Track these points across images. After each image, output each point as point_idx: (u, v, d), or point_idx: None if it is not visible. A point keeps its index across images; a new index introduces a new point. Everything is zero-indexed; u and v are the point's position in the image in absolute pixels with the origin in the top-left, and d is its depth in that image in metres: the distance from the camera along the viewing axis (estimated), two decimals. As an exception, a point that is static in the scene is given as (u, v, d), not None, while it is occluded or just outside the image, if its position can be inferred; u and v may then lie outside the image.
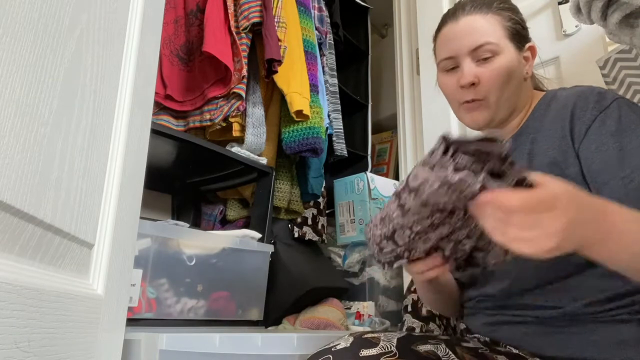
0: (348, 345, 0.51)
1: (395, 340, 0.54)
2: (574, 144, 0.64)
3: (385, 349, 0.50)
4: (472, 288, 0.74)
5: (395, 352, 0.50)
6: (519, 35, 0.74)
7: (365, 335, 0.55)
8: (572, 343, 0.60)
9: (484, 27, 0.72)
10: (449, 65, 0.75)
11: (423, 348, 0.52)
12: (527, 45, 0.75)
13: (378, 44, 2.32)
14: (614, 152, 0.60)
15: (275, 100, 1.40)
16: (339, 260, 1.58)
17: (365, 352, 0.50)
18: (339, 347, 0.52)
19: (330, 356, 0.52)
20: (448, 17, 0.77)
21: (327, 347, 0.53)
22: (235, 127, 1.25)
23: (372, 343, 0.51)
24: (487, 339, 0.69)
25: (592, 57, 1.03)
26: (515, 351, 0.64)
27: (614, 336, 0.58)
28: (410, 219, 0.47)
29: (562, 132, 0.65)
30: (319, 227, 1.50)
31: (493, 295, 0.69)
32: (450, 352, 0.53)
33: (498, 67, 0.70)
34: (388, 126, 2.10)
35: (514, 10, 0.76)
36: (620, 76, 0.91)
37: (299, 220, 1.46)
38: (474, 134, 0.60)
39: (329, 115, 1.52)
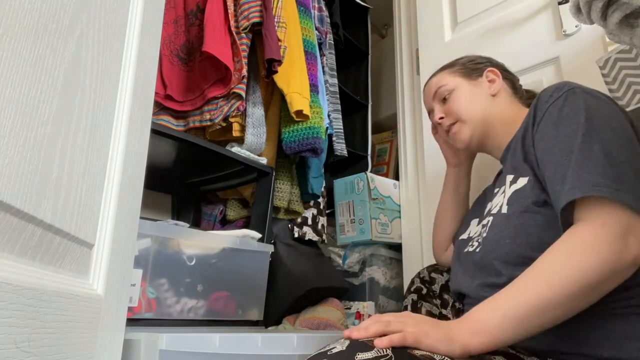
0: (344, 348, 0.51)
1: None
2: (533, 134, 0.72)
3: (380, 352, 0.50)
4: (470, 282, 0.75)
5: (391, 356, 0.50)
6: (470, 70, 0.92)
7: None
8: (569, 338, 0.60)
9: (436, 82, 0.95)
10: (431, 118, 0.99)
11: (419, 351, 0.52)
12: (485, 71, 0.91)
13: (378, 44, 2.32)
14: (551, 141, 0.67)
15: (275, 100, 1.40)
16: (339, 260, 1.58)
17: (360, 356, 0.49)
18: (334, 350, 0.51)
19: None
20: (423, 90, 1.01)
21: (322, 350, 0.53)
22: (235, 127, 1.25)
23: (368, 346, 0.51)
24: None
25: (592, 57, 1.04)
26: (512, 351, 0.64)
27: (610, 331, 0.59)
28: None
29: (527, 125, 0.74)
30: (319, 227, 1.50)
31: (492, 283, 0.70)
32: (445, 355, 0.53)
33: (455, 99, 0.90)
34: (388, 126, 2.10)
35: (459, 60, 0.96)
36: (620, 76, 0.91)
37: (299, 220, 1.46)
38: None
39: (329, 115, 1.52)
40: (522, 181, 0.71)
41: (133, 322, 0.88)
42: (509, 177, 0.75)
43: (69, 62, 0.40)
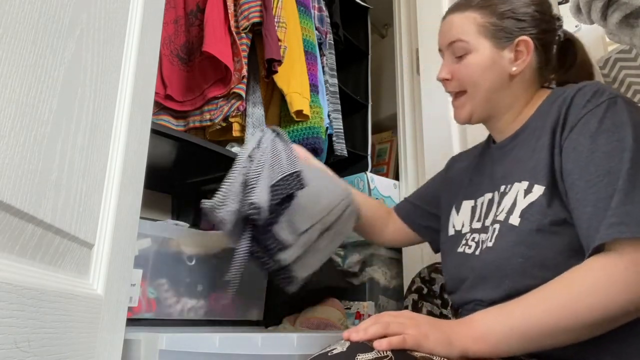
0: (344, 349, 0.51)
1: None
2: (561, 139, 0.65)
3: (381, 354, 0.50)
4: (466, 291, 0.74)
5: (391, 357, 0.50)
6: (503, 30, 0.74)
7: None
8: (572, 344, 0.60)
9: (458, 25, 0.77)
10: (441, 58, 0.82)
11: (419, 353, 0.52)
12: (517, 40, 0.74)
13: (378, 44, 2.32)
14: (586, 154, 0.61)
15: (275, 100, 1.40)
16: (339, 260, 1.58)
17: (361, 357, 0.50)
18: (335, 351, 0.52)
19: None
20: (444, 15, 0.84)
21: (323, 351, 0.53)
22: (235, 127, 1.25)
23: (368, 347, 0.51)
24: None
25: (592, 57, 1.04)
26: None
27: (612, 336, 0.58)
28: None
29: (555, 125, 0.66)
30: (319, 227, 1.50)
31: (491, 300, 0.68)
32: (445, 357, 0.53)
33: (468, 65, 0.76)
34: (388, 126, 2.10)
35: (498, 7, 0.75)
36: (620, 76, 0.91)
37: (299, 220, 1.46)
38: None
39: (329, 115, 1.52)
40: (538, 190, 0.65)
41: (133, 322, 0.88)
42: (523, 184, 0.68)
43: (69, 62, 0.40)
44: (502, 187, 0.74)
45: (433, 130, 1.50)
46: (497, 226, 0.70)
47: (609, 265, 0.54)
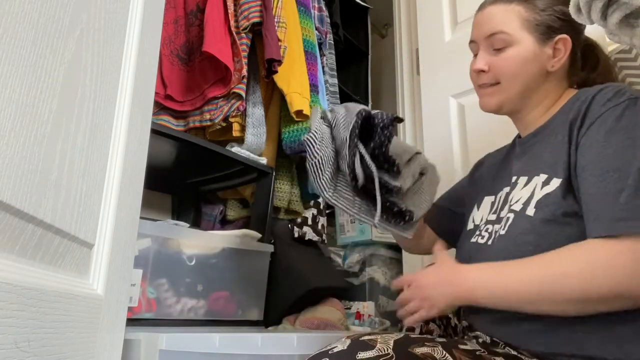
0: (345, 347, 0.52)
1: (392, 343, 0.54)
2: (578, 135, 0.66)
3: (382, 352, 0.50)
4: None
5: (392, 355, 0.50)
6: (545, 27, 0.75)
7: (362, 338, 0.55)
8: (573, 341, 0.60)
9: (501, 17, 0.76)
10: (473, 50, 0.82)
11: (420, 350, 0.52)
12: (557, 37, 0.75)
13: (378, 44, 2.32)
14: (600, 151, 0.62)
15: (275, 100, 1.40)
16: (339, 260, 1.58)
17: (362, 355, 0.50)
18: (335, 349, 0.52)
19: (327, 359, 0.52)
20: (480, 6, 0.82)
21: (324, 350, 0.53)
22: (235, 127, 1.25)
23: (369, 345, 0.51)
24: (487, 339, 0.69)
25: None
26: (513, 352, 0.64)
27: (614, 333, 0.58)
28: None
29: (574, 122, 0.68)
30: (319, 227, 1.50)
31: None
32: (447, 355, 0.53)
33: (508, 58, 0.75)
34: (388, 126, 2.10)
35: (541, 0, 0.76)
36: (620, 76, 0.91)
37: (299, 220, 1.46)
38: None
39: (329, 116, 1.52)
40: (555, 183, 0.66)
41: (133, 322, 0.88)
42: (542, 177, 0.69)
43: (69, 62, 0.40)
44: (514, 178, 0.75)
45: (433, 130, 1.50)
46: (511, 215, 0.70)
47: (605, 249, 0.56)
